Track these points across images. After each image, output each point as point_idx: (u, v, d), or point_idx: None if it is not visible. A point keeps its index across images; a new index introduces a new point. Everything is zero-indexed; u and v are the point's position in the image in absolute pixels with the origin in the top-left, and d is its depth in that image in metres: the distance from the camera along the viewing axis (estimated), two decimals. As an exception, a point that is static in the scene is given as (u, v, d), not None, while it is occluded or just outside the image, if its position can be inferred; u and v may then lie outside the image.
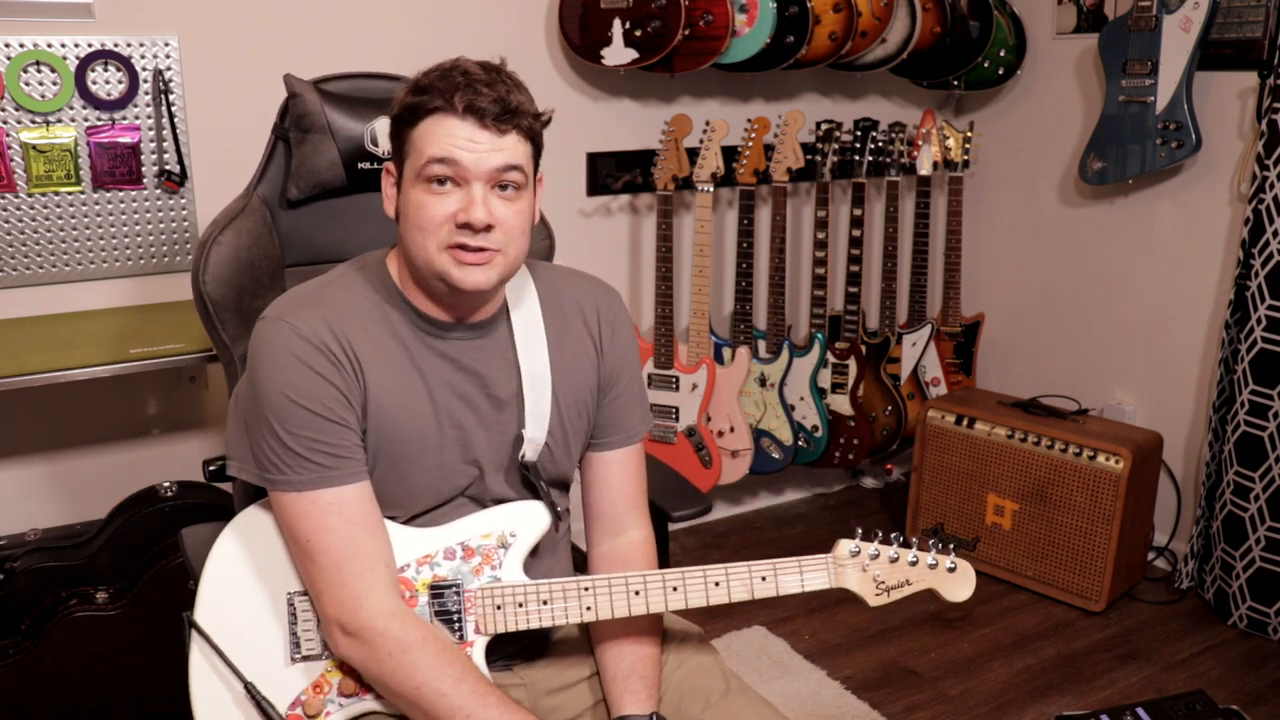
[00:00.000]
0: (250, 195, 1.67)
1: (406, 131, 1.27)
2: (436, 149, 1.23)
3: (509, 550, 1.34)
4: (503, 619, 1.31)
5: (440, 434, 1.33)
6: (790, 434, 3.06)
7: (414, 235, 1.26)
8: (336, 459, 1.25)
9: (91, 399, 2.37)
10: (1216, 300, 2.89)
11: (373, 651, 1.24)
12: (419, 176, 1.25)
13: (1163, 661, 2.60)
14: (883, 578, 1.33)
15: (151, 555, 2.16)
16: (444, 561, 1.32)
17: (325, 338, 1.26)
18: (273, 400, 1.25)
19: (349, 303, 1.32)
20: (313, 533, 1.25)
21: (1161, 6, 2.78)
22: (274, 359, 1.26)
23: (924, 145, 3.17)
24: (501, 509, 1.37)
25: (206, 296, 1.57)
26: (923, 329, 3.28)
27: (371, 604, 1.24)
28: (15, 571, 2.10)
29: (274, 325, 1.27)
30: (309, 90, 1.66)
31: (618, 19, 2.61)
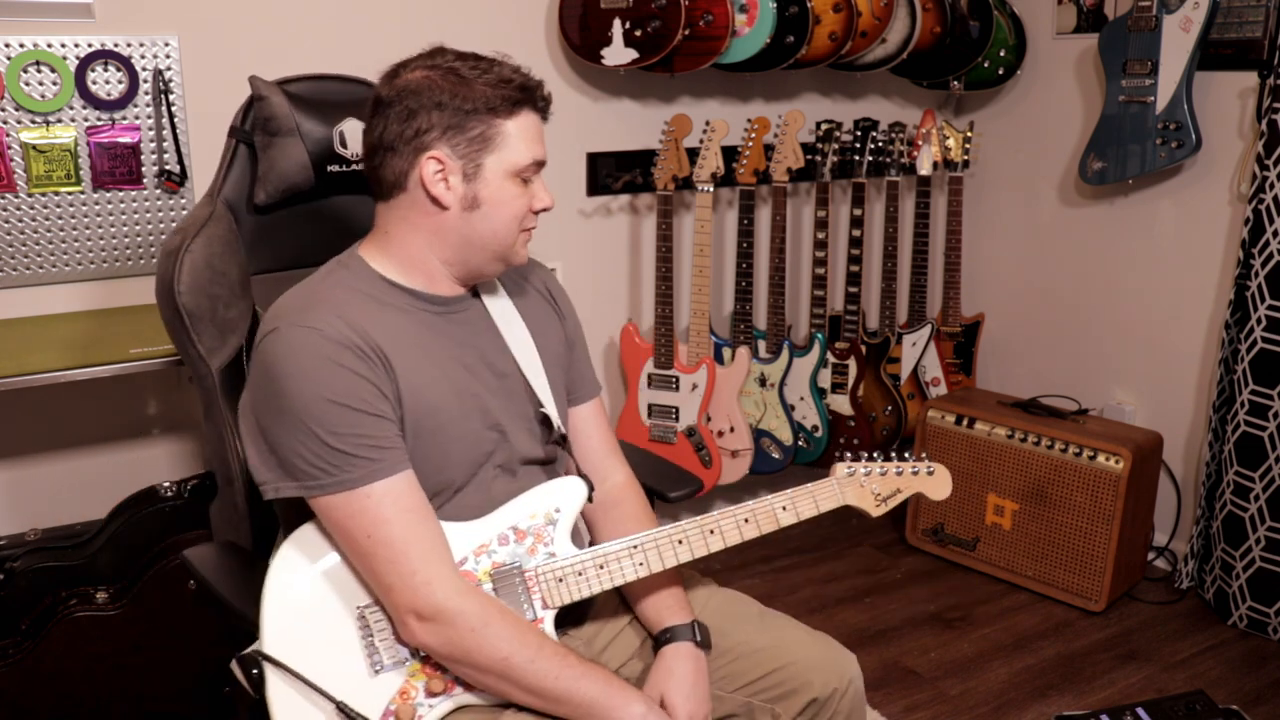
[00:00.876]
0: (215, 201, 1.62)
1: (495, 123, 1.33)
2: (535, 150, 1.36)
3: (557, 526, 1.41)
4: (566, 590, 1.38)
5: (461, 403, 1.38)
6: (790, 434, 3.06)
7: (499, 222, 1.36)
8: (382, 451, 1.28)
9: (91, 399, 2.37)
10: (1216, 300, 2.89)
11: (454, 631, 1.26)
12: (513, 171, 1.35)
13: (1163, 661, 2.60)
14: (878, 489, 1.50)
15: (151, 555, 2.16)
16: (499, 548, 1.38)
17: (349, 334, 1.29)
18: (311, 406, 1.26)
19: (351, 297, 1.35)
20: (372, 527, 1.27)
21: (1161, 6, 2.78)
22: (303, 365, 1.27)
23: (924, 145, 3.17)
24: (540, 489, 1.43)
25: (183, 307, 1.52)
26: (923, 329, 3.28)
27: (443, 585, 1.27)
28: (15, 571, 2.09)
29: (294, 332, 1.28)
30: (276, 92, 1.62)
31: (618, 19, 2.61)
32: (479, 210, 1.35)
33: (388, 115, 1.34)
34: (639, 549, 1.39)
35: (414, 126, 1.32)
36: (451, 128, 1.32)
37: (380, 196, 1.40)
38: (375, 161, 1.37)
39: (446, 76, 1.32)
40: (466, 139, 1.32)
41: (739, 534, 1.42)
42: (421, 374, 1.34)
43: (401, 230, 1.38)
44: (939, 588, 2.94)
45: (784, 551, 3.10)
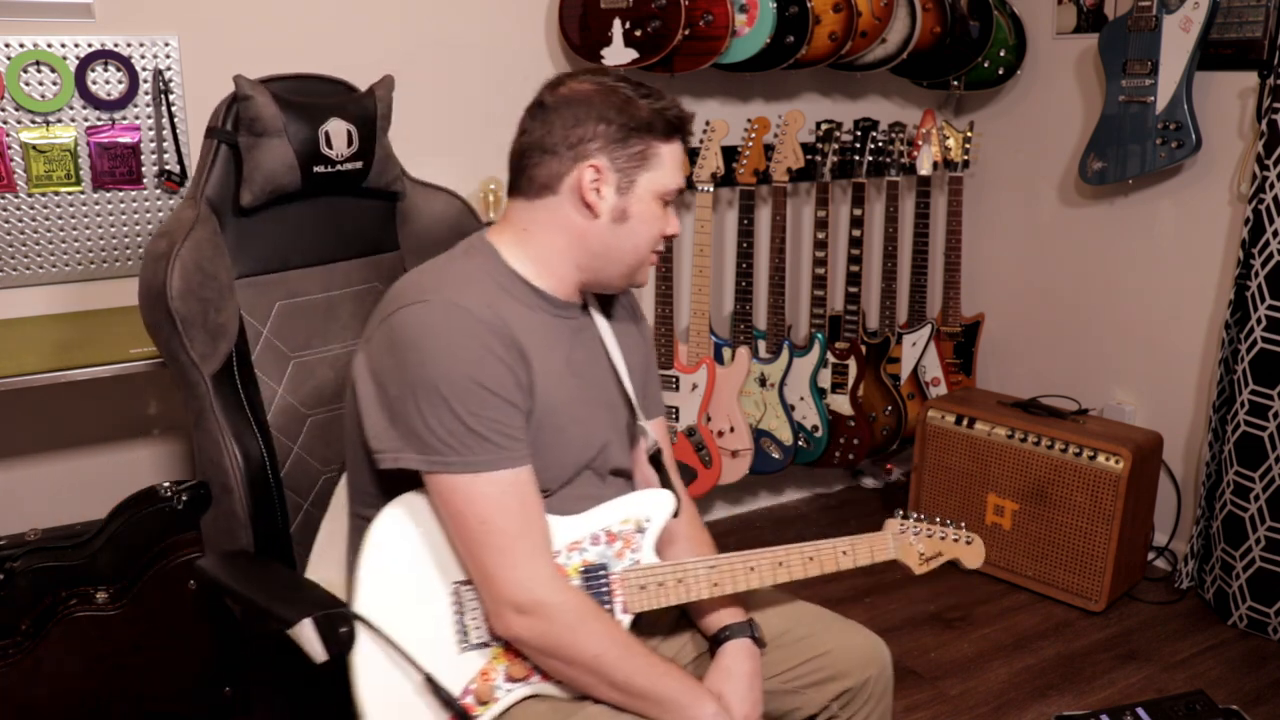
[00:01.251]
0: (198, 203, 1.58)
1: (654, 144, 1.38)
2: (680, 178, 1.42)
3: (644, 535, 1.44)
4: (646, 598, 1.42)
5: (576, 408, 1.42)
6: (790, 434, 3.06)
7: (639, 239, 1.41)
8: (513, 440, 1.30)
9: (91, 399, 2.37)
10: (1216, 300, 2.89)
11: (550, 625, 1.29)
12: (662, 194, 1.40)
13: (1163, 661, 2.60)
14: (923, 550, 1.59)
15: (151, 555, 2.16)
16: (590, 546, 1.41)
17: (496, 321, 1.30)
18: (455, 382, 1.26)
19: (488, 284, 1.37)
20: (488, 514, 1.28)
21: (1161, 6, 2.78)
22: (453, 341, 1.28)
23: (924, 145, 3.17)
24: (635, 497, 1.46)
25: (175, 313, 1.48)
26: (923, 329, 3.28)
27: (546, 580, 1.30)
28: (15, 571, 2.09)
29: (445, 309, 1.29)
30: (262, 92, 1.60)
31: (618, 19, 2.61)
32: (625, 224, 1.39)
33: (551, 119, 1.37)
34: (715, 569, 1.44)
35: (578, 134, 1.35)
36: (614, 141, 1.36)
37: (524, 195, 1.41)
38: (530, 161, 1.39)
39: (614, 93, 1.37)
40: (626, 154, 1.37)
41: (804, 570, 1.49)
42: (548, 373, 1.37)
43: (545, 230, 1.40)
44: (939, 588, 2.94)
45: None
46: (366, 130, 1.72)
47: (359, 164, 1.72)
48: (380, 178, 1.77)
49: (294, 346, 1.69)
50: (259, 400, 1.62)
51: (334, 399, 1.71)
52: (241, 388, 1.59)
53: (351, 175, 1.72)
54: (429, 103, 2.58)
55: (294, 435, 1.67)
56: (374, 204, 1.81)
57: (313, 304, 1.72)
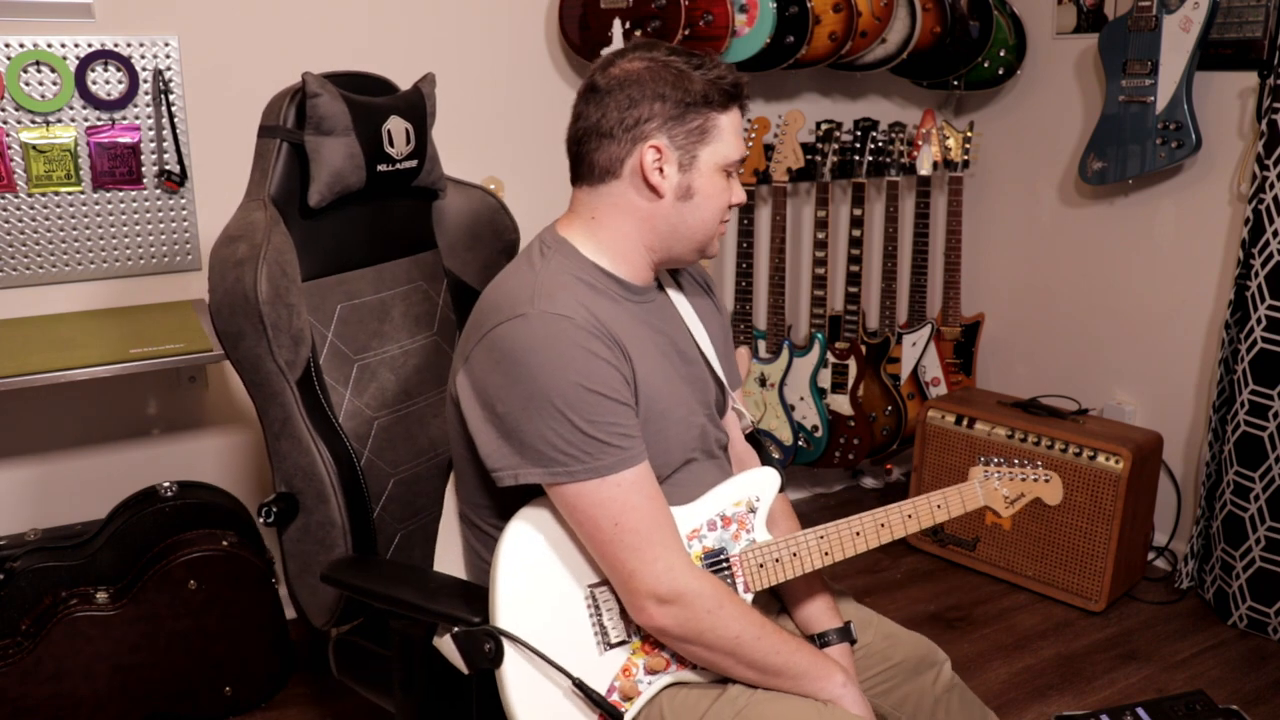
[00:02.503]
0: (266, 205, 1.53)
1: (713, 117, 1.36)
2: (742, 146, 1.41)
3: (756, 514, 1.47)
4: (766, 575, 1.44)
5: (674, 391, 1.42)
6: (790, 434, 3.06)
7: (707, 213, 1.40)
8: (630, 439, 1.30)
9: (91, 399, 2.37)
10: (1216, 300, 2.89)
11: (692, 612, 1.30)
12: (724, 165, 1.39)
13: (1163, 661, 2.60)
14: (1007, 492, 1.59)
15: (151, 555, 2.17)
16: (709, 533, 1.43)
17: (594, 322, 1.30)
18: (566, 392, 1.26)
19: (576, 284, 1.36)
20: (620, 515, 1.29)
21: (1161, 6, 2.78)
22: (558, 351, 1.27)
23: (924, 145, 3.17)
24: (742, 478, 1.48)
25: (266, 319, 1.44)
26: (923, 329, 3.28)
27: (682, 570, 1.31)
28: (15, 571, 2.10)
29: (543, 320, 1.28)
30: (329, 89, 1.56)
31: (618, 19, 2.61)
32: (691, 200, 1.38)
33: (606, 103, 1.35)
34: (825, 539, 1.47)
35: (635, 115, 1.34)
36: (672, 119, 1.35)
37: (586, 181, 1.40)
38: (588, 147, 1.38)
39: (667, 69, 1.35)
40: (685, 130, 1.35)
41: (904, 528, 1.50)
42: (645, 362, 1.37)
43: (613, 216, 1.39)
44: (939, 588, 2.94)
45: (784, 551, 3.10)
46: (420, 128, 1.71)
47: (414, 162, 1.71)
48: (428, 176, 1.76)
49: (356, 349, 1.65)
50: (332, 405, 1.58)
51: (396, 401, 1.68)
52: (321, 394, 1.55)
53: (407, 174, 1.71)
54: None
55: (363, 439, 1.62)
56: (415, 202, 1.80)
57: (368, 305, 1.68)
